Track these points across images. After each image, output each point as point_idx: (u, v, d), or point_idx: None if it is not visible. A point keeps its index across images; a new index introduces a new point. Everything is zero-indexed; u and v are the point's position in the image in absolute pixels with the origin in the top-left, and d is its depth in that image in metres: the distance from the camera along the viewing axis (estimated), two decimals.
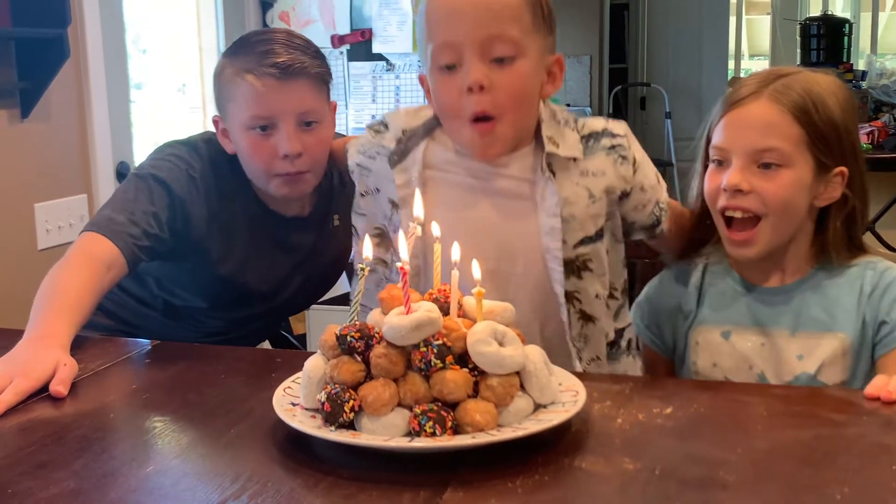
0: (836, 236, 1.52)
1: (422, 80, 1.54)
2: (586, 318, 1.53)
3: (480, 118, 1.43)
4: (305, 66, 1.73)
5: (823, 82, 1.49)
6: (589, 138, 1.52)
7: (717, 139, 1.52)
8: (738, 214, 1.48)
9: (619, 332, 1.60)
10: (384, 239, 1.58)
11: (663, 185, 1.63)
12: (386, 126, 1.58)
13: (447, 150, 1.53)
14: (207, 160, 1.79)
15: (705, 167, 1.56)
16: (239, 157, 1.78)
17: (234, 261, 1.82)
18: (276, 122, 1.72)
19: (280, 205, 1.84)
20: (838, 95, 1.49)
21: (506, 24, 1.41)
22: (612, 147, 1.52)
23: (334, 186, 1.92)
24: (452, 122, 1.48)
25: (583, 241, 1.51)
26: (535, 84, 1.48)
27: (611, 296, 1.58)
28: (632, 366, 1.61)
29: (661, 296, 1.68)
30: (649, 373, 1.66)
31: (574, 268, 1.51)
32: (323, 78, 1.79)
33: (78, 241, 1.62)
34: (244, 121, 1.73)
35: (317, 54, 1.78)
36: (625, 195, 1.55)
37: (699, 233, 1.62)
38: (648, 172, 1.58)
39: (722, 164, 1.51)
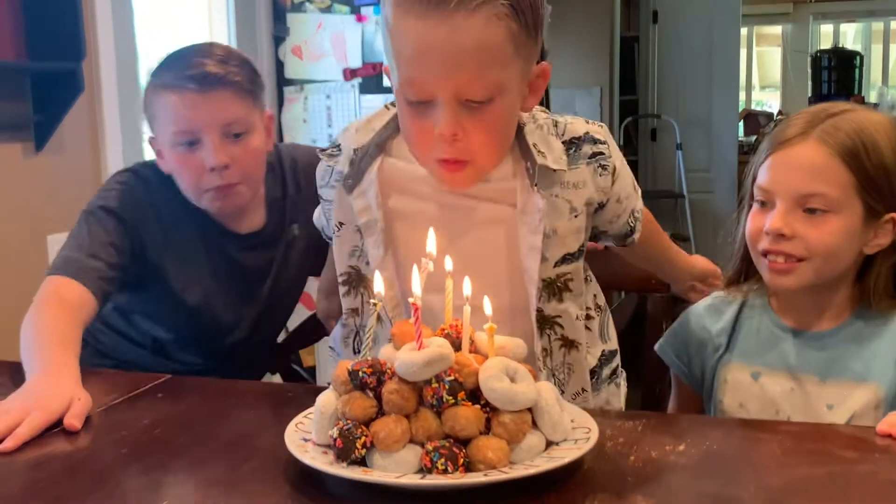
0: (879, 283, 1.44)
1: (387, 71, 1.36)
2: (569, 344, 1.47)
3: (451, 161, 1.32)
4: (225, 76, 1.69)
5: (875, 122, 1.42)
6: (571, 145, 1.41)
7: (761, 179, 1.45)
8: (780, 259, 1.42)
9: (601, 360, 1.55)
10: (353, 285, 1.51)
11: (639, 192, 1.56)
12: (339, 148, 1.46)
13: (406, 165, 1.41)
14: (154, 183, 1.77)
15: (751, 204, 1.50)
16: (172, 175, 1.76)
17: (196, 287, 1.80)
18: (200, 135, 1.69)
19: (232, 221, 1.81)
20: (891, 136, 1.41)
21: (483, 65, 1.25)
22: (594, 155, 1.42)
23: (289, 195, 1.89)
24: (421, 155, 1.37)
25: (565, 259, 1.43)
26: (514, 112, 1.35)
27: (587, 316, 1.52)
28: (615, 394, 1.57)
29: (693, 327, 1.61)
30: (678, 405, 1.64)
31: (555, 289, 1.43)
32: (246, 87, 1.74)
33: (42, 287, 1.62)
34: (169, 138, 1.71)
35: (241, 63, 1.75)
36: (601, 206, 1.46)
37: (741, 268, 1.56)
38: (626, 181, 1.49)
39: (765, 204, 1.45)
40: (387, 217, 1.42)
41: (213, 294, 1.82)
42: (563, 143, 1.41)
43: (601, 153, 1.43)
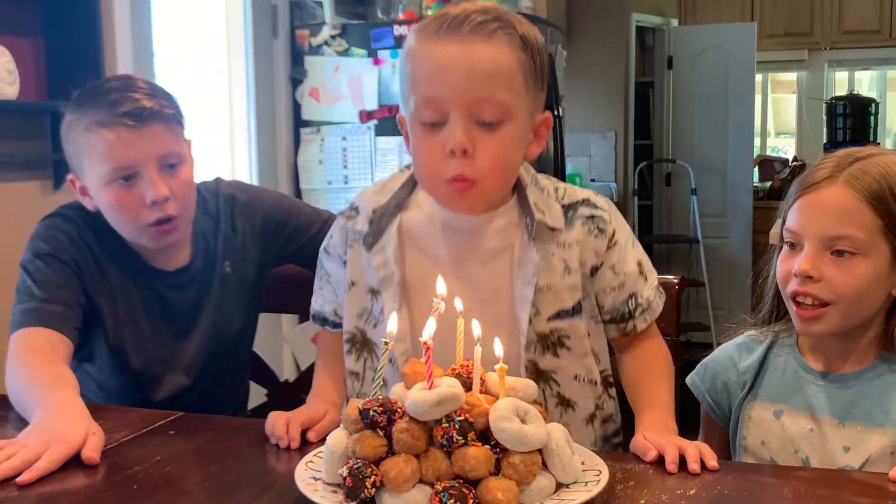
0: None
1: (400, 121, 1.46)
2: (564, 402, 1.48)
3: (459, 179, 1.36)
4: (158, 110, 1.68)
5: None
6: (570, 209, 1.47)
7: (790, 222, 1.47)
8: (807, 301, 1.43)
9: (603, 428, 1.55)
10: (357, 347, 1.55)
11: (651, 283, 1.55)
12: (357, 210, 1.53)
13: (422, 219, 1.48)
14: (81, 222, 1.76)
15: (782, 246, 1.51)
16: (104, 213, 1.74)
17: (128, 326, 1.78)
18: (137, 170, 1.67)
19: (159, 258, 1.80)
20: None
21: (495, 86, 1.33)
22: (591, 217, 1.47)
23: (221, 231, 1.87)
24: (430, 179, 1.42)
25: (559, 315, 1.45)
26: (521, 147, 1.41)
27: (591, 381, 1.52)
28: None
29: (723, 363, 1.63)
30: (704, 440, 1.62)
31: (549, 343, 1.46)
32: (177, 118, 1.74)
33: (11, 345, 1.61)
34: (103, 175, 1.67)
35: (166, 95, 1.74)
36: (595, 270, 1.48)
37: (772, 308, 1.58)
38: (628, 257, 1.51)
39: (794, 247, 1.46)
40: (403, 272, 1.47)
41: (145, 333, 1.80)
42: (562, 206, 1.47)
43: (599, 216, 1.47)
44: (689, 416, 1.68)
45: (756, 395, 1.56)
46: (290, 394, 2.08)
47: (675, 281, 1.83)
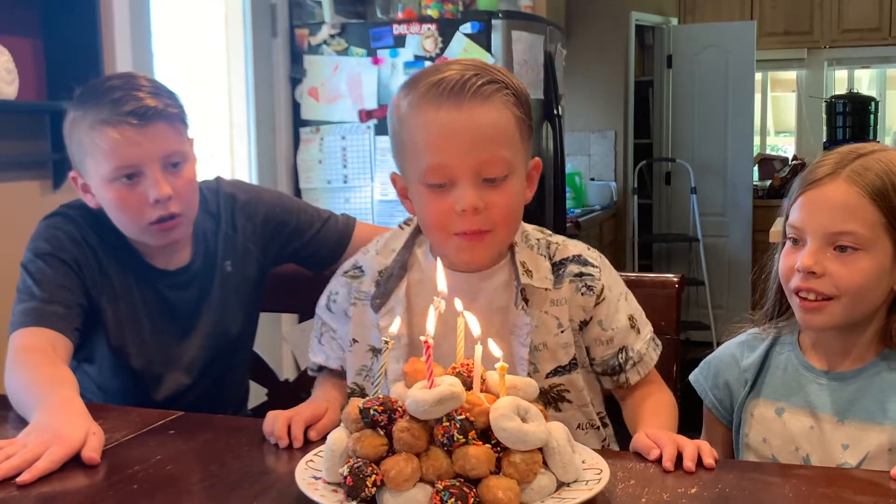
0: None
1: (394, 179, 1.51)
2: None
3: (472, 232, 1.41)
4: (162, 109, 1.69)
5: None
6: (560, 266, 1.51)
7: (793, 218, 1.48)
8: (810, 297, 1.43)
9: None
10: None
11: (643, 336, 1.57)
12: (361, 270, 1.57)
13: (425, 280, 1.50)
14: (82, 222, 1.76)
15: (785, 242, 1.51)
16: (106, 211, 1.74)
17: (129, 326, 1.78)
18: (141, 169, 1.67)
19: (160, 258, 1.80)
20: None
21: (499, 147, 1.39)
22: (580, 275, 1.51)
23: (221, 230, 1.88)
24: (438, 234, 1.46)
25: (556, 372, 1.51)
26: (523, 197, 1.47)
27: (593, 426, 1.56)
28: None
29: (725, 361, 1.63)
30: (707, 439, 1.61)
31: (549, 399, 1.51)
32: (180, 117, 1.74)
33: (10, 344, 1.61)
34: (107, 173, 1.68)
35: (170, 94, 1.74)
36: (584, 324, 1.53)
37: (775, 305, 1.58)
38: (618, 313, 1.54)
39: (797, 242, 1.47)
40: (411, 334, 1.50)
41: (146, 333, 1.80)
42: (551, 264, 1.51)
43: (588, 274, 1.51)
44: (691, 420, 1.68)
45: (758, 393, 1.56)
46: (290, 393, 2.07)
47: (675, 279, 1.84)
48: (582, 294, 1.50)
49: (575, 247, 1.54)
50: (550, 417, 1.44)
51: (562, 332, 1.50)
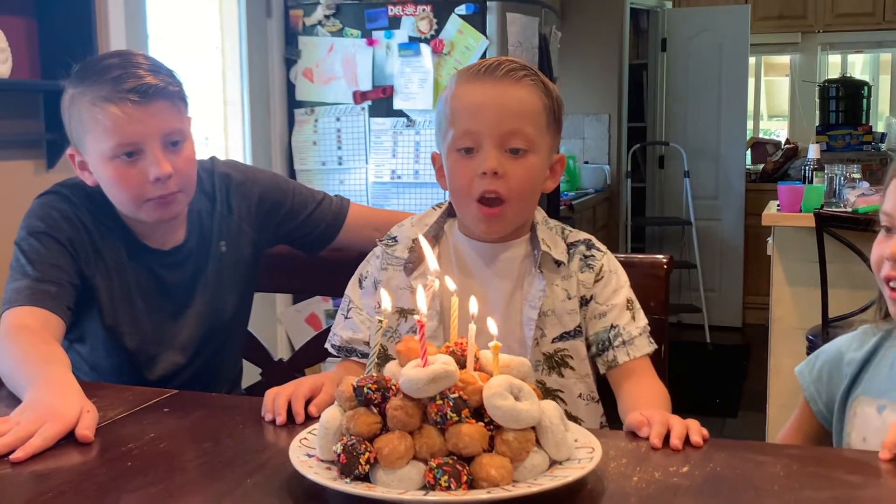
0: None
1: (434, 158, 1.66)
2: (570, 419, 1.50)
3: (490, 199, 1.54)
4: (163, 87, 1.69)
5: None
6: (572, 246, 1.64)
7: (885, 204, 1.41)
8: None
9: None
10: (377, 363, 1.56)
11: (638, 323, 1.61)
12: (395, 239, 1.68)
13: (455, 249, 1.64)
14: (77, 200, 1.76)
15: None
16: (104, 189, 1.73)
17: (123, 305, 1.78)
18: (141, 147, 1.67)
19: (155, 237, 1.81)
20: None
21: (523, 121, 1.54)
22: (584, 256, 1.63)
23: (217, 210, 1.88)
24: (463, 199, 1.58)
25: (562, 337, 1.59)
26: (541, 178, 1.60)
27: (594, 398, 1.63)
28: None
29: (832, 353, 1.57)
30: (793, 430, 1.60)
31: (554, 363, 1.59)
32: (180, 95, 1.75)
33: (1, 324, 1.61)
34: (107, 150, 1.67)
35: (169, 73, 1.74)
36: (584, 301, 1.61)
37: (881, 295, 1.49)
38: (615, 293, 1.61)
39: (890, 230, 1.40)
40: (441, 292, 1.53)
41: (140, 313, 1.81)
42: (566, 244, 1.64)
43: (592, 255, 1.63)
44: (680, 408, 1.67)
45: (862, 391, 1.48)
46: (285, 373, 2.08)
47: (664, 260, 1.85)
48: (582, 270, 1.61)
49: (587, 235, 1.67)
50: (554, 384, 1.56)
51: (569, 299, 1.60)
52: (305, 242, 1.98)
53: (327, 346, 1.70)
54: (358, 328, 1.66)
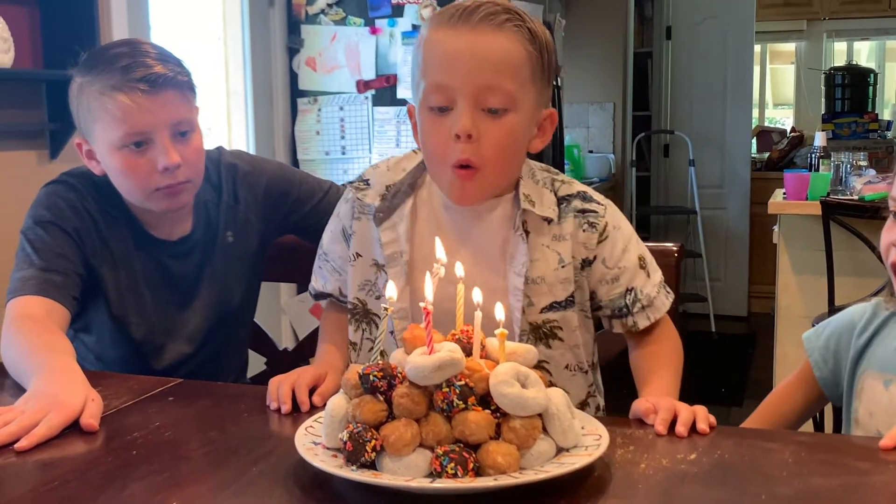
0: None
1: (410, 112, 1.50)
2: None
3: (463, 166, 1.39)
4: (172, 76, 1.68)
5: None
6: (563, 200, 1.49)
7: (893, 189, 1.39)
8: None
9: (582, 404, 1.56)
10: (357, 319, 1.57)
11: (653, 280, 1.54)
12: (367, 182, 1.56)
13: (433, 203, 1.51)
14: (83, 190, 1.76)
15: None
16: (111, 178, 1.73)
17: (130, 295, 1.78)
18: (150, 136, 1.67)
19: (161, 228, 1.80)
20: None
21: (502, 75, 1.36)
22: (583, 211, 1.48)
23: (223, 201, 1.87)
24: (435, 163, 1.44)
25: (552, 307, 1.48)
26: (524, 138, 1.44)
27: (581, 369, 1.55)
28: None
29: (844, 322, 1.56)
30: (797, 393, 1.58)
31: (541, 334, 1.49)
32: (189, 85, 1.74)
33: (7, 312, 1.61)
34: (115, 140, 1.67)
35: (177, 62, 1.73)
36: (587, 263, 1.49)
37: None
38: (626, 252, 1.50)
39: None
40: (412, 252, 1.49)
41: (147, 303, 1.80)
42: (558, 198, 1.49)
43: (592, 210, 1.49)
44: (695, 395, 1.67)
45: (869, 365, 1.48)
46: (289, 362, 2.08)
47: (675, 248, 1.83)
48: (584, 230, 1.48)
49: (581, 186, 1.52)
50: (539, 354, 1.41)
51: (562, 266, 1.47)
52: (313, 231, 1.98)
53: (309, 289, 1.69)
54: (327, 278, 1.62)
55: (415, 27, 3.62)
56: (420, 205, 1.51)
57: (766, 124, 7.76)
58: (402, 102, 3.67)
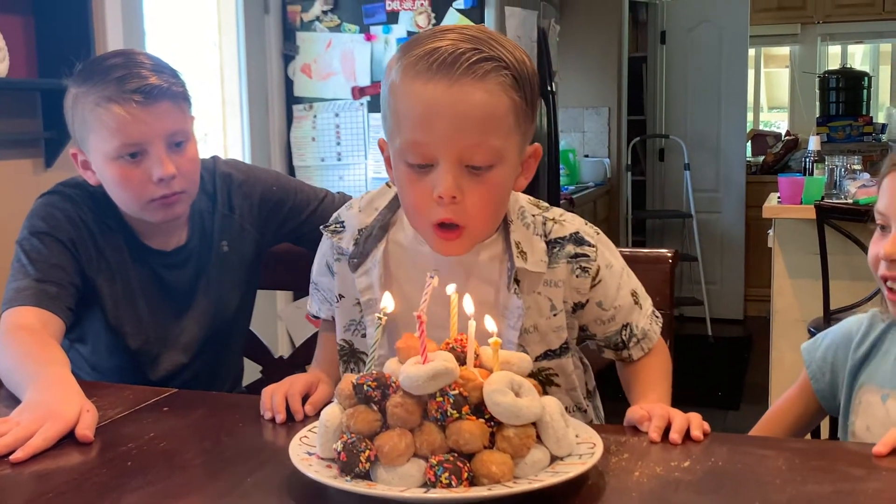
0: None
1: (381, 146, 1.40)
2: None
3: (447, 225, 1.32)
4: (167, 87, 1.68)
5: None
6: (555, 244, 1.43)
7: (879, 203, 1.39)
8: None
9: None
10: (345, 359, 1.56)
11: (645, 311, 1.52)
12: (342, 225, 1.51)
13: (407, 243, 1.45)
14: (79, 200, 1.76)
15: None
16: (107, 188, 1.73)
17: (126, 306, 1.78)
18: (145, 147, 1.67)
19: (156, 239, 1.80)
20: None
21: (487, 132, 1.27)
22: (575, 256, 1.43)
23: (217, 210, 1.87)
24: (415, 218, 1.37)
25: (546, 355, 1.47)
26: (510, 187, 1.37)
27: (580, 408, 1.55)
28: None
29: (842, 335, 1.55)
30: (796, 404, 1.58)
31: (537, 381, 1.46)
32: (184, 95, 1.74)
33: (1, 323, 1.60)
34: (110, 151, 1.67)
35: (172, 73, 1.73)
36: (579, 306, 1.47)
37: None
38: (619, 291, 1.48)
39: (885, 229, 1.38)
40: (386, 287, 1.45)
41: (143, 313, 1.80)
42: (546, 242, 1.43)
43: (584, 255, 1.43)
44: (692, 399, 1.67)
45: (867, 379, 1.47)
46: (285, 370, 2.08)
47: (669, 254, 1.83)
48: (577, 276, 1.43)
49: (572, 223, 1.45)
50: None
51: (554, 315, 1.44)
52: (309, 240, 1.98)
53: (307, 307, 1.68)
54: (320, 306, 1.61)
55: (410, 33, 3.62)
56: (393, 248, 1.46)
57: (761, 128, 7.77)
58: None
